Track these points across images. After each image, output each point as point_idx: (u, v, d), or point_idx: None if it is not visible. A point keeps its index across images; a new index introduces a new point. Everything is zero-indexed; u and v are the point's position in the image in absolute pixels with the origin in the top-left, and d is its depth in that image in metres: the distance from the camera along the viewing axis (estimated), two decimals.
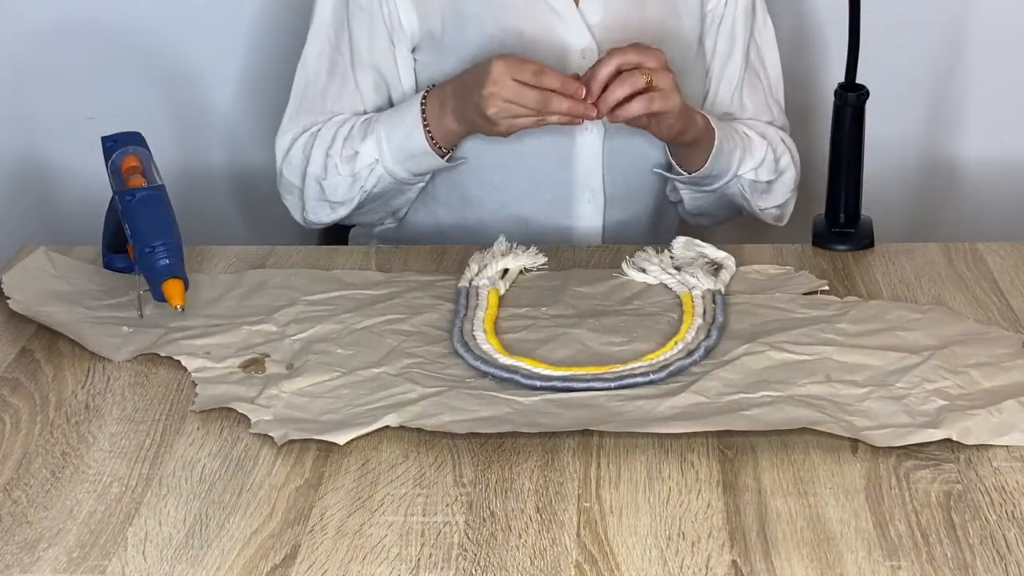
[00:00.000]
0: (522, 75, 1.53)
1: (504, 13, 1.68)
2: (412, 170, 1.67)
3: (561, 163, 1.72)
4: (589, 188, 1.73)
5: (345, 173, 1.68)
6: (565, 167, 1.72)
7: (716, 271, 1.54)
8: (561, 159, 1.72)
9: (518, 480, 1.20)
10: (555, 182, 1.73)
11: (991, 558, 1.10)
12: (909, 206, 2.19)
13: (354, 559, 1.11)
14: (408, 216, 1.79)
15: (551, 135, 1.69)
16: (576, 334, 1.42)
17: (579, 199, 1.74)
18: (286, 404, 1.31)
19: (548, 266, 1.58)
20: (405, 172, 1.67)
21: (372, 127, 1.67)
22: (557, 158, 1.72)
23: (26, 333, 1.47)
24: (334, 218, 1.73)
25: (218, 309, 1.50)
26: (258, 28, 2.13)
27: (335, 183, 1.68)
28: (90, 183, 1.98)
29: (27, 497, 1.20)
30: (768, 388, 1.31)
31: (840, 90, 1.63)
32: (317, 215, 1.73)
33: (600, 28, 1.69)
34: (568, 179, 1.73)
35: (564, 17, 1.69)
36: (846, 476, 1.20)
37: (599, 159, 1.72)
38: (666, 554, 1.11)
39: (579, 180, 1.73)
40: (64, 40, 2.14)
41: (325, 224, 1.75)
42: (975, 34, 2.12)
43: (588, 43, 1.69)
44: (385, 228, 1.83)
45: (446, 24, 1.69)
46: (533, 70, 1.54)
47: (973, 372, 1.34)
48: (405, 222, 1.80)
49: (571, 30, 1.69)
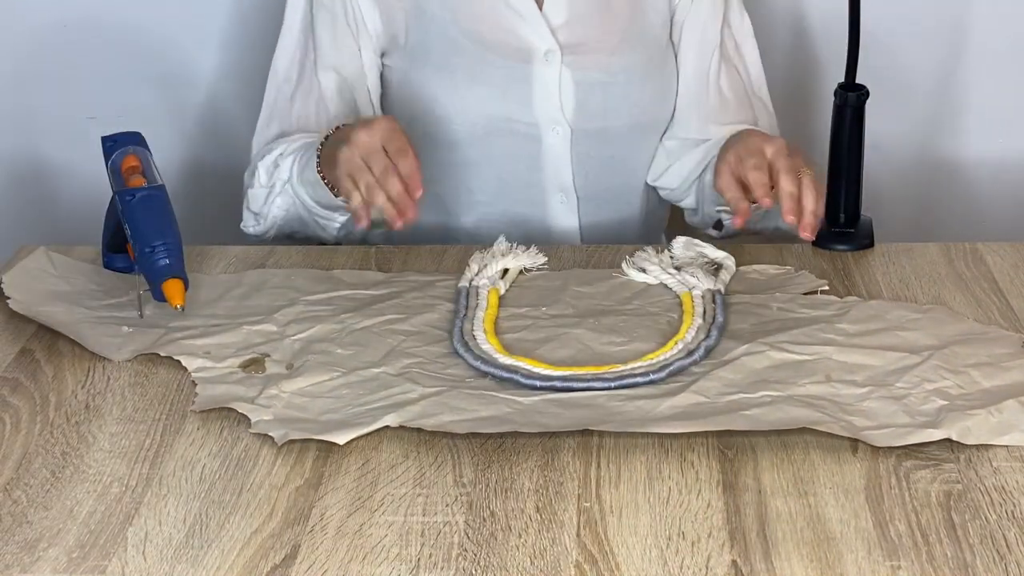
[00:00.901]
0: (391, 143, 1.48)
1: (466, 16, 1.67)
2: (313, 198, 1.62)
3: (529, 165, 1.72)
4: (561, 189, 1.73)
5: (264, 183, 1.66)
6: (534, 168, 1.72)
7: (716, 271, 1.54)
8: (529, 161, 1.72)
9: (518, 480, 1.20)
10: (525, 183, 1.73)
11: (991, 558, 1.10)
12: (909, 206, 2.19)
13: (354, 559, 1.11)
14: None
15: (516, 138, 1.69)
16: (576, 334, 1.42)
17: (551, 200, 1.73)
18: (286, 404, 1.31)
19: (548, 266, 1.58)
20: (308, 198, 1.63)
21: (299, 148, 1.64)
22: (526, 160, 1.72)
23: (26, 333, 1.47)
24: (259, 231, 1.70)
25: (218, 309, 1.50)
26: (258, 28, 2.13)
27: (255, 193, 1.68)
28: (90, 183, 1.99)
29: (27, 497, 1.20)
30: (768, 388, 1.31)
31: (840, 90, 1.63)
32: (246, 223, 1.72)
33: (564, 30, 1.69)
34: (539, 180, 1.73)
35: (527, 19, 1.68)
36: (846, 476, 1.20)
37: (567, 160, 1.72)
38: (666, 554, 1.11)
39: (549, 181, 1.73)
40: (64, 40, 2.14)
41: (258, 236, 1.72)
42: (975, 34, 2.12)
43: (551, 45, 1.68)
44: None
45: (409, 26, 1.68)
46: (399, 146, 1.48)
47: (973, 372, 1.33)
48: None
49: (534, 33, 1.68)
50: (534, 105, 1.70)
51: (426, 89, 1.70)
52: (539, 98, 1.70)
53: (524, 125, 1.70)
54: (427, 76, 1.69)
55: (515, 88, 1.69)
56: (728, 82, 1.76)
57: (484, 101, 1.69)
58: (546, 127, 1.71)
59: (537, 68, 1.68)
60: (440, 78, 1.68)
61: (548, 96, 1.70)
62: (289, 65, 1.73)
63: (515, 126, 1.70)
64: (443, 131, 1.70)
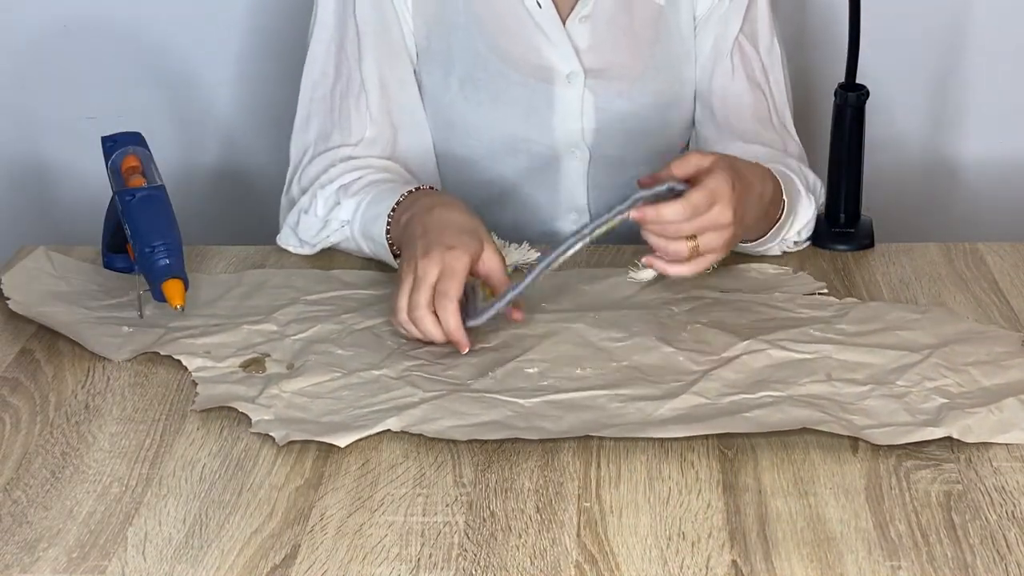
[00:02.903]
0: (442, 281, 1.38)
1: (491, 30, 1.65)
2: (371, 250, 1.58)
3: (545, 186, 1.71)
4: (574, 210, 1.73)
5: (320, 215, 1.61)
6: (550, 190, 1.71)
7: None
8: (545, 182, 1.70)
9: (518, 480, 1.20)
10: (539, 202, 1.72)
11: (991, 558, 1.10)
12: (909, 206, 2.19)
13: (354, 559, 1.11)
14: None
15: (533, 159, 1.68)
16: (576, 328, 1.42)
17: (563, 218, 1.73)
18: (287, 404, 1.31)
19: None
20: (367, 248, 1.59)
21: (364, 190, 1.59)
22: (541, 181, 1.70)
23: (26, 333, 1.47)
24: (302, 253, 1.64)
25: (218, 309, 1.50)
26: (259, 29, 2.13)
27: (308, 221, 1.61)
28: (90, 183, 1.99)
29: (27, 497, 1.20)
30: (769, 388, 1.31)
31: (840, 90, 1.63)
32: (286, 242, 1.65)
33: (588, 54, 1.66)
34: (553, 200, 1.72)
35: (552, 39, 1.65)
36: (846, 476, 1.20)
37: (583, 183, 1.71)
38: (666, 554, 1.11)
39: (563, 202, 1.72)
40: (64, 40, 2.14)
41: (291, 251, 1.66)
42: (975, 34, 2.12)
43: (575, 68, 1.66)
44: None
45: (432, 32, 1.66)
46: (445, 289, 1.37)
47: (973, 370, 1.34)
48: None
49: (558, 53, 1.66)
50: (554, 127, 1.68)
51: (448, 102, 1.68)
52: (560, 121, 1.68)
53: (543, 147, 1.69)
54: (451, 87, 1.67)
55: (536, 109, 1.67)
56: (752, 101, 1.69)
57: (505, 120, 1.67)
58: (565, 150, 1.69)
59: (559, 90, 1.66)
60: (464, 92, 1.67)
61: (569, 119, 1.68)
62: (325, 60, 1.66)
63: (534, 147, 1.69)
64: (460, 146, 1.69)
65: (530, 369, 1.36)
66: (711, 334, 1.41)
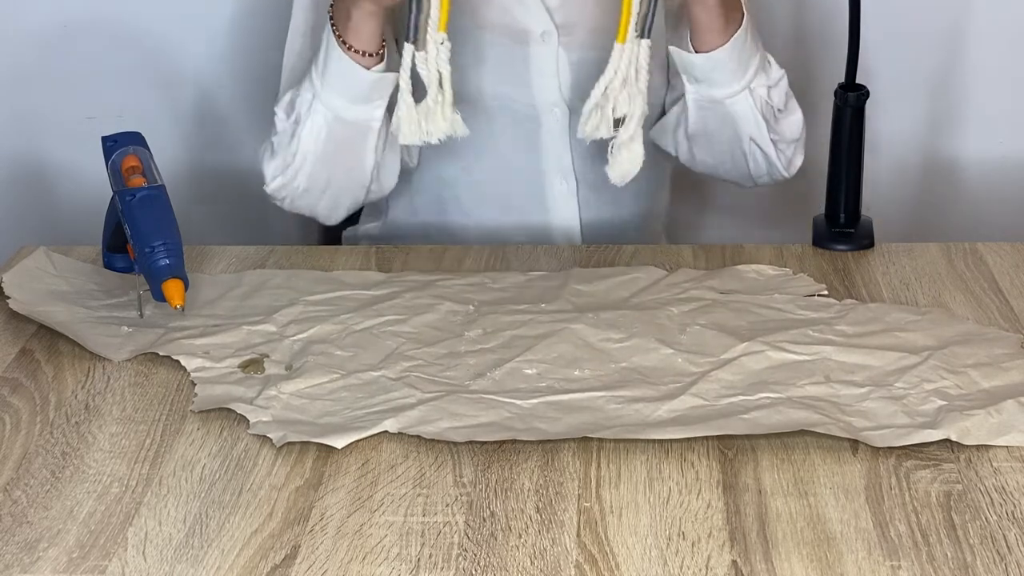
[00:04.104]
0: None
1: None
2: (347, 94, 1.58)
3: (529, 147, 1.72)
4: (560, 173, 1.73)
5: (285, 119, 1.62)
6: (533, 150, 1.72)
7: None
8: (528, 143, 1.72)
9: (518, 480, 1.20)
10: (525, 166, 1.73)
11: (991, 558, 1.10)
12: (909, 206, 2.19)
13: (354, 559, 1.11)
14: (389, 214, 1.79)
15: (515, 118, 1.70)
16: (575, 329, 1.42)
17: (551, 184, 1.74)
18: (285, 405, 1.31)
19: (548, 266, 1.58)
20: (342, 99, 1.59)
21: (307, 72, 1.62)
22: (525, 142, 1.72)
23: (26, 333, 1.47)
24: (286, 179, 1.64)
25: (218, 309, 1.50)
26: (259, 28, 2.13)
27: (279, 139, 1.63)
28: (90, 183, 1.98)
29: (27, 497, 1.20)
30: (767, 390, 1.31)
31: (840, 90, 1.63)
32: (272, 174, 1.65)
33: (560, 11, 1.69)
34: (538, 163, 1.73)
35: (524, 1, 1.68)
36: (846, 476, 1.20)
37: (566, 142, 1.72)
38: (666, 554, 1.11)
39: (549, 164, 1.73)
40: (64, 40, 2.14)
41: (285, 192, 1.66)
42: (975, 34, 2.12)
43: (547, 26, 1.69)
44: (369, 228, 1.83)
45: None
46: None
47: (972, 372, 1.34)
48: (388, 221, 1.80)
49: (530, 12, 1.68)
50: (532, 86, 1.70)
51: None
52: (537, 79, 1.70)
53: (523, 106, 1.71)
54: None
55: (513, 69, 1.70)
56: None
57: (484, 81, 1.69)
58: (544, 109, 1.71)
59: (534, 49, 1.68)
60: None
61: (545, 77, 1.70)
62: (304, 38, 1.70)
63: (514, 106, 1.71)
64: None
65: (528, 370, 1.36)
66: (710, 335, 1.41)
